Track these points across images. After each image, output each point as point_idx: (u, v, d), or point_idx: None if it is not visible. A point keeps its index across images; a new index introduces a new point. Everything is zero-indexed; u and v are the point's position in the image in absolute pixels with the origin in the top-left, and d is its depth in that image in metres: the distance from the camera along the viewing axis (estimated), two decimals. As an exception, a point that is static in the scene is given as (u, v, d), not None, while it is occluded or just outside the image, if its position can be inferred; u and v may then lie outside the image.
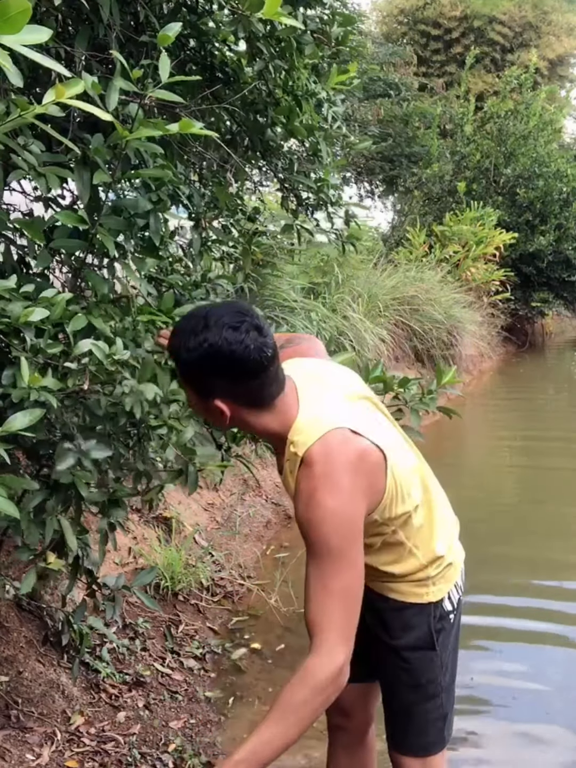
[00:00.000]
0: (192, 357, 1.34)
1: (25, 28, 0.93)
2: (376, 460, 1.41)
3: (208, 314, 1.36)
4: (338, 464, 1.35)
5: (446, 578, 1.58)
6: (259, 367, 1.34)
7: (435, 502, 1.59)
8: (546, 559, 4.06)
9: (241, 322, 1.33)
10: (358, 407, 1.50)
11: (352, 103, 11.15)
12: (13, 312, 1.38)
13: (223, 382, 1.36)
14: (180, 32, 1.45)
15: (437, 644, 1.56)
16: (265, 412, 1.41)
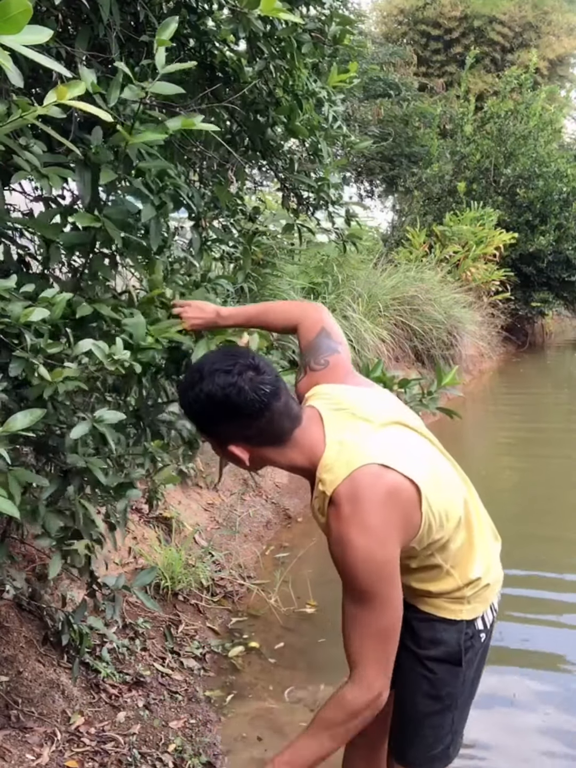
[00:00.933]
0: (195, 410, 1.39)
1: (25, 29, 0.93)
2: (409, 495, 1.37)
3: (202, 364, 1.40)
4: (368, 504, 1.33)
5: (482, 599, 1.56)
6: (259, 406, 1.34)
7: (476, 522, 1.56)
8: (546, 561, 4.06)
9: (233, 365, 1.35)
10: (390, 435, 1.45)
11: (352, 103, 11.15)
12: (14, 312, 1.38)
13: (230, 428, 1.38)
14: (180, 32, 1.45)
15: (464, 660, 1.55)
16: (285, 448, 1.41)
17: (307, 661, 2.93)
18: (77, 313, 1.47)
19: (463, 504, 1.53)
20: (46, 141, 1.55)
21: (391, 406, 1.56)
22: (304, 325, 1.67)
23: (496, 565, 1.63)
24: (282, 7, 1.71)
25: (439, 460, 1.55)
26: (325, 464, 1.38)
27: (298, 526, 4.41)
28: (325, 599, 3.36)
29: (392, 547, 1.35)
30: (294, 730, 2.51)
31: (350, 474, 1.34)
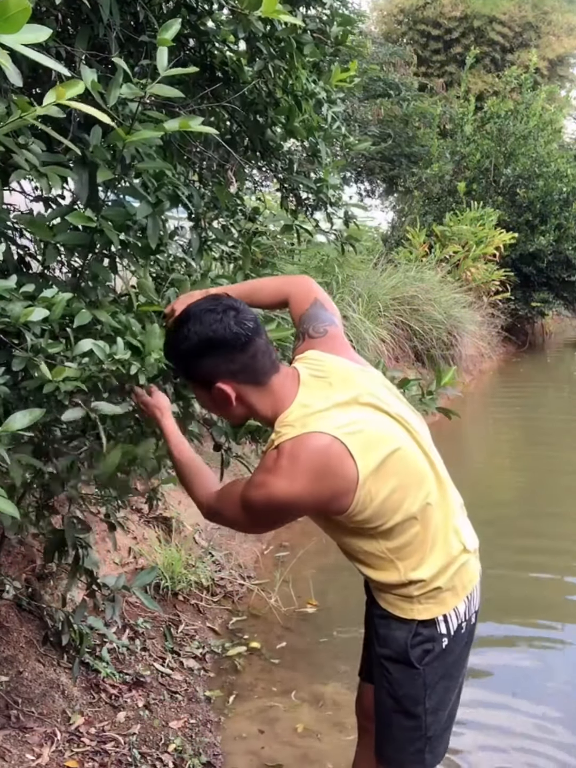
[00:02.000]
0: (183, 349, 1.46)
1: (24, 28, 0.93)
2: (347, 475, 1.40)
3: (189, 308, 1.50)
4: (303, 467, 1.38)
5: (437, 600, 1.53)
6: (243, 339, 1.43)
7: (437, 524, 1.52)
8: (553, 558, 4.06)
9: (217, 305, 1.46)
10: (357, 415, 1.47)
11: (352, 103, 11.14)
12: (14, 312, 1.38)
13: (217, 363, 1.45)
14: (180, 32, 1.45)
15: (416, 662, 1.53)
16: (263, 390, 1.48)
17: (307, 661, 2.93)
18: (75, 321, 1.47)
19: (424, 502, 1.50)
20: (45, 140, 1.55)
21: (374, 389, 1.56)
22: (296, 297, 1.72)
23: (459, 573, 1.56)
24: (283, 9, 1.70)
25: (410, 453, 1.52)
26: (286, 419, 1.44)
27: (298, 526, 4.40)
28: (326, 599, 3.36)
29: (299, 509, 1.46)
30: (294, 730, 2.51)
31: (302, 434, 1.40)
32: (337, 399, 1.47)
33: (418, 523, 1.49)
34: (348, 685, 2.59)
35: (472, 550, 1.62)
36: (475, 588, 1.61)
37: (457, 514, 1.60)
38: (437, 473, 1.57)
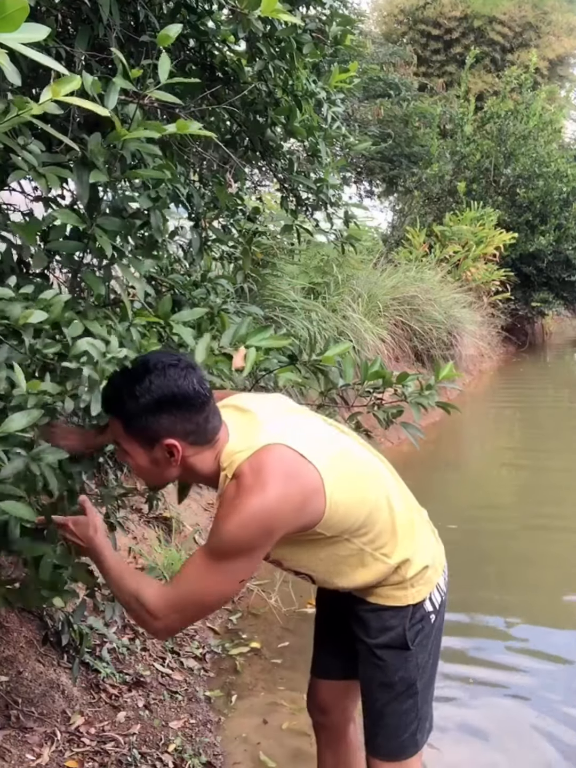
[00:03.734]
0: (140, 404, 1.35)
1: (23, 27, 0.92)
2: (311, 478, 1.40)
3: (146, 359, 1.40)
4: (270, 476, 1.35)
5: (425, 580, 1.58)
6: (203, 400, 1.38)
7: (398, 504, 1.57)
8: (553, 558, 4.06)
9: (179, 360, 1.39)
10: (292, 420, 1.51)
11: (352, 103, 11.14)
12: (13, 313, 1.38)
13: (172, 421, 1.37)
14: (180, 32, 1.45)
15: (411, 644, 1.56)
16: (208, 449, 1.42)
17: (307, 661, 2.92)
18: (68, 333, 1.44)
19: (381, 488, 1.55)
20: (45, 140, 1.55)
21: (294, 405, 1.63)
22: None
23: (433, 546, 1.65)
24: (282, 8, 1.70)
25: (353, 447, 1.57)
26: (228, 451, 1.41)
27: (298, 526, 4.40)
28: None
29: (276, 524, 1.36)
30: (294, 731, 2.51)
31: (254, 453, 1.37)
32: (264, 416, 1.48)
33: (384, 507, 1.53)
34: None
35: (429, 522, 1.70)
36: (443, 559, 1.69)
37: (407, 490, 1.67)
38: (375, 454, 1.63)
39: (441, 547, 1.70)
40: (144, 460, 1.42)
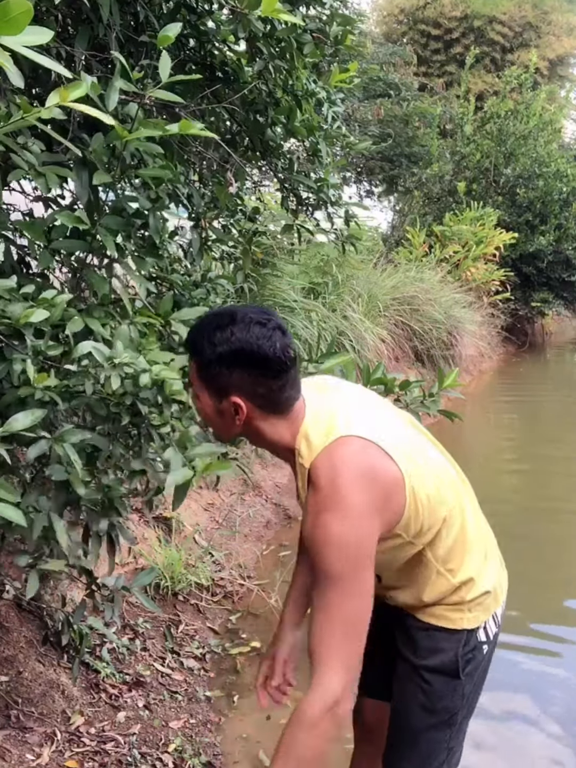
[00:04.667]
0: (216, 352, 1.31)
1: (26, 29, 0.92)
2: (391, 474, 1.32)
3: (235, 311, 1.34)
4: (346, 482, 1.27)
5: (483, 607, 1.49)
6: (282, 367, 1.32)
7: (471, 520, 1.50)
8: (553, 558, 4.06)
9: (268, 320, 1.32)
10: (373, 413, 1.43)
11: (352, 103, 11.14)
12: (14, 313, 1.38)
13: (244, 379, 1.32)
14: (180, 32, 1.45)
15: (462, 672, 1.48)
16: (281, 419, 1.36)
17: (308, 660, 2.93)
18: (68, 329, 1.45)
19: (456, 497, 1.47)
20: (45, 140, 1.55)
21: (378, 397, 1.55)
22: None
23: (497, 572, 1.56)
24: (282, 8, 1.70)
25: (428, 447, 1.50)
26: (303, 432, 1.35)
27: (299, 526, 4.39)
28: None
29: (369, 529, 1.28)
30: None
31: (328, 446, 1.30)
32: (346, 402, 1.42)
33: (458, 517, 1.45)
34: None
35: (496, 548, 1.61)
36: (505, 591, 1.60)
37: (479, 509, 1.59)
38: (455, 466, 1.57)
39: (505, 575, 1.61)
40: (210, 408, 1.39)
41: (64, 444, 1.41)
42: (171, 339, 1.87)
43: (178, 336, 1.79)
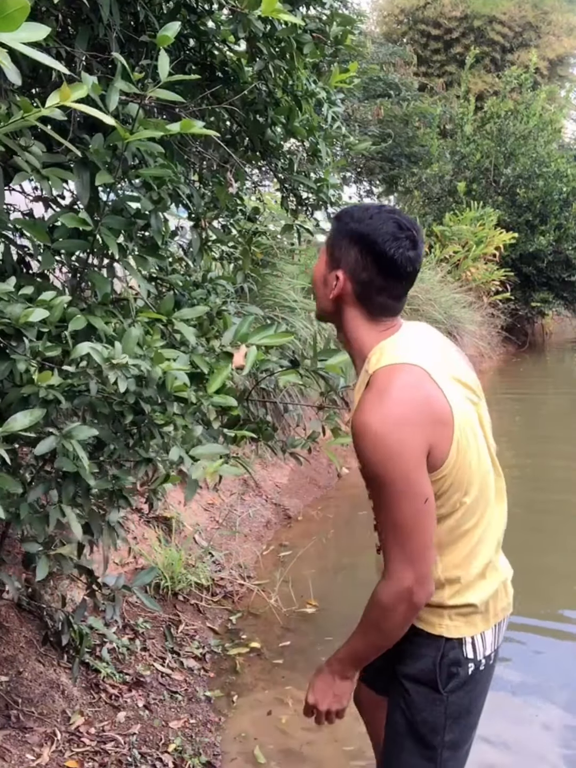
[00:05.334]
0: (349, 226, 1.38)
1: (23, 26, 0.92)
2: (443, 413, 1.32)
3: (386, 206, 1.41)
4: (400, 389, 1.31)
5: (467, 620, 1.42)
6: (395, 273, 1.36)
7: (487, 526, 1.45)
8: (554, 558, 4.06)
9: (408, 229, 1.36)
10: (456, 376, 1.42)
11: (352, 103, 11.14)
12: (13, 313, 1.38)
13: (357, 261, 1.37)
14: (180, 32, 1.45)
15: (442, 686, 1.41)
16: (367, 321, 1.41)
17: (307, 660, 2.93)
18: (70, 327, 1.45)
19: (485, 494, 1.43)
20: (45, 141, 1.55)
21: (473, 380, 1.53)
22: None
23: (495, 594, 1.46)
24: (282, 8, 1.70)
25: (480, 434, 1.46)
26: (382, 345, 1.38)
27: (298, 526, 4.41)
28: (326, 598, 3.36)
29: (410, 435, 1.28)
30: (296, 730, 2.51)
31: (396, 364, 1.33)
32: (430, 346, 1.44)
33: (476, 513, 1.41)
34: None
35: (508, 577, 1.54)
36: (505, 620, 1.51)
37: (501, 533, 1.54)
38: (497, 470, 1.52)
39: (506, 604, 1.51)
40: (320, 273, 1.45)
41: (71, 440, 1.43)
42: (173, 338, 1.87)
43: (179, 335, 1.79)
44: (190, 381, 1.68)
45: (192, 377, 1.76)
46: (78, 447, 1.44)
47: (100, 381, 1.50)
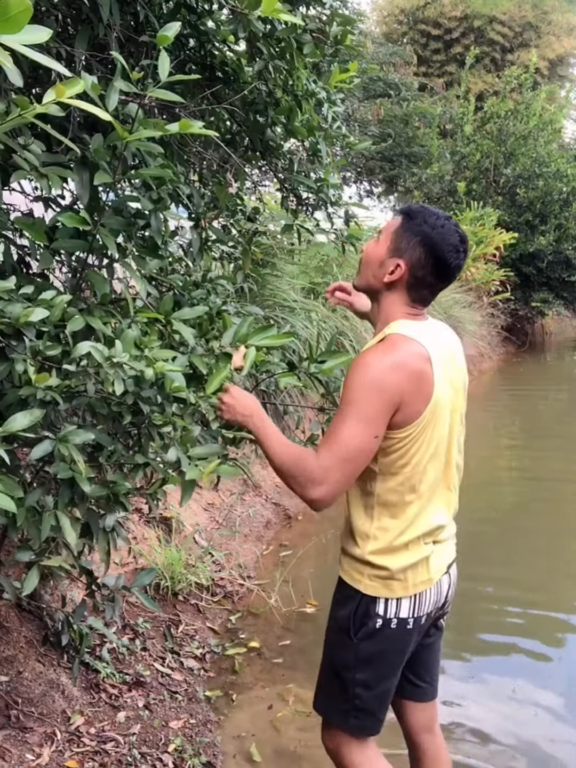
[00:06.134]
0: (422, 228, 1.60)
1: (25, 28, 0.92)
2: (428, 388, 1.54)
3: (451, 218, 1.65)
4: (400, 352, 1.55)
5: (385, 585, 1.62)
6: (445, 277, 1.63)
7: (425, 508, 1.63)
8: (554, 557, 4.06)
9: (465, 242, 1.63)
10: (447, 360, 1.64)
11: (352, 103, 11.15)
12: (13, 313, 1.38)
13: (420, 258, 1.60)
14: (180, 32, 1.45)
15: (353, 634, 1.64)
16: (404, 305, 1.65)
17: (307, 660, 2.93)
18: (68, 327, 1.46)
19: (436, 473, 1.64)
20: (45, 141, 1.55)
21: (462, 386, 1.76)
22: None
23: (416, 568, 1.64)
24: (282, 8, 1.70)
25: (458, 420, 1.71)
26: (404, 322, 1.63)
27: (298, 526, 4.41)
28: (326, 598, 3.35)
29: (389, 382, 1.51)
30: (294, 730, 2.51)
31: (409, 336, 1.57)
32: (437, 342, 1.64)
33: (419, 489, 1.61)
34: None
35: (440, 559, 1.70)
36: (429, 592, 1.67)
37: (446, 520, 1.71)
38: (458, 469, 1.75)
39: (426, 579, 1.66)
40: (378, 255, 1.66)
41: (68, 444, 1.43)
42: (171, 338, 1.87)
43: (179, 335, 1.79)
44: (189, 382, 1.68)
45: (191, 378, 1.76)
46: (74, 451, 1.45)
47: (99, 381, 1.49)
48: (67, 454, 1.44)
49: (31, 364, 1.40)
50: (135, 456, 1.80)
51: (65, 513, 1.67)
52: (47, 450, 1.44)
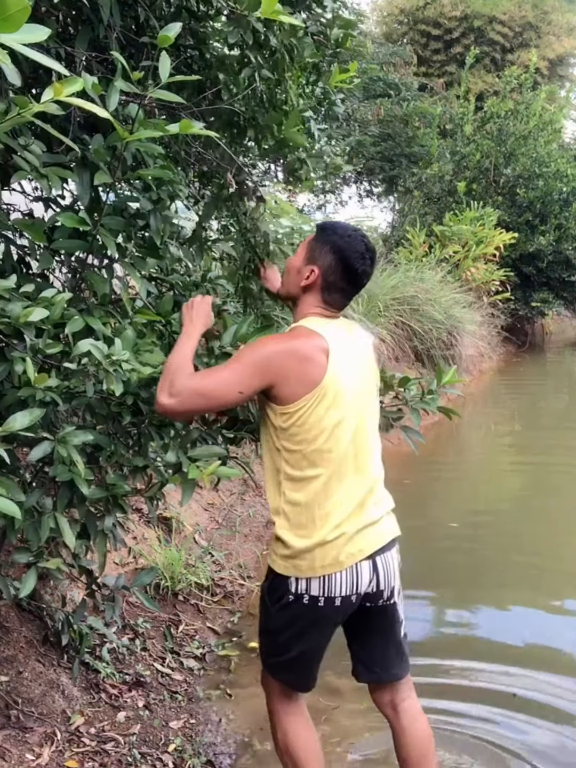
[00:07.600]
0: (331, 238, 1.83)
1: (23, 27, 0.92)
2: (315, 376, 1.72)
3: (359, 229, 1.90)
4: (295, 341, 1.77)
5: (294, 566, 1.78)
6: (354, 281, 1.85)
7: (329, 486, 1.77)
8: (551, 561, 4.06)
9: (372, 251, 1.85)
10: (349, 348, 1.83)
11: (352, 103, 11.14)
12: (13, 312, 1.38)
13: (330, 265, 1.82)
14: (180, 33, 1.45)
15: (270, 603, 1.85)
16: (317, 306, 1.85)
17: (306, 661, 2.93)
18: (67, 328, 1.46)
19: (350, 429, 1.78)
20: (46, 141, 1.55)
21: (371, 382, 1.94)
22: None
23: (324, 551, 1.77)
24: (282, 10, 1.70)
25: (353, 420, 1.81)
26: (313, 319, 1.84)
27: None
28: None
29: (279, 360, 1.72)
30: (294, 730, 2.51)
31: (312, 328, 1.79)
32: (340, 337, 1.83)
33: (321, 466, 1.76)
34: (347, 684, 2.59)
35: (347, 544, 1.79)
36: (341, 575, 1.78)
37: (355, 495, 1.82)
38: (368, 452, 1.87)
39: (330, 563, 1.77)
40: (296, 264, 1.89)
41: (67, 445, 1.43)
42: (171, 338, 1.87)
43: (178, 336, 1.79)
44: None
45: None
46: (74, 452, 1.45)
47: (98, 381, 1.50)
48: (66, 456, 1.44)
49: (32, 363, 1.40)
50: (135, 458, 1.80)
51: (64, 515, 1.67)
52: (46, 451, 1.45)
